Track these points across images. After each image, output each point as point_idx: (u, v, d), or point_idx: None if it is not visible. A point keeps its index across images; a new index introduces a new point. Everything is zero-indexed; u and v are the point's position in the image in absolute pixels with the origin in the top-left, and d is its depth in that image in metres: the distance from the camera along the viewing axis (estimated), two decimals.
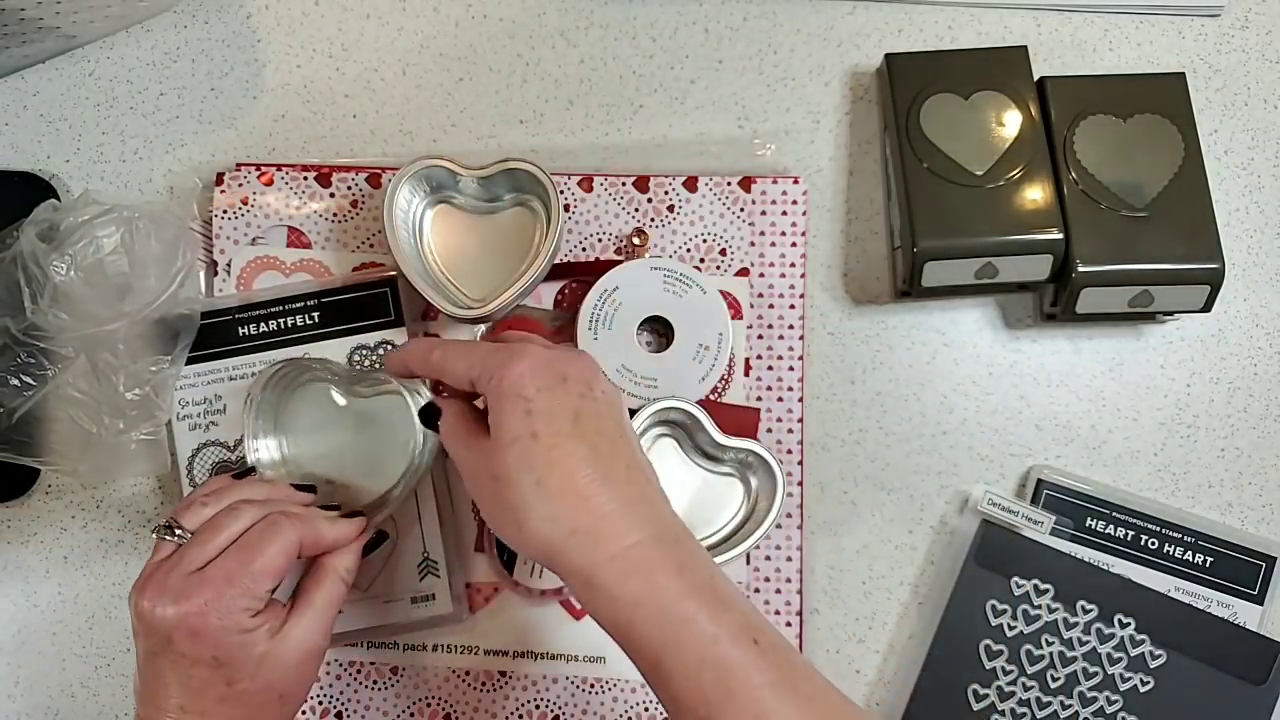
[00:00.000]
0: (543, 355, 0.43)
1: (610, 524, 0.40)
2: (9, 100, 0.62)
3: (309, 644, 0.47)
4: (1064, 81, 0.58)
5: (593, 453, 0.42)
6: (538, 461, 0.41)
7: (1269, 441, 0.59)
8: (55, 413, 0.54)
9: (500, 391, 0.42)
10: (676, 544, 0.41)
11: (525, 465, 0.41)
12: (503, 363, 0.43)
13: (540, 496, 0.41)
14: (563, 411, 0.42)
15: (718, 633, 0.39)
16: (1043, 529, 0.56)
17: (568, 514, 0.40)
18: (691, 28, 0.62)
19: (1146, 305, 0.55)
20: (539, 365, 0.43)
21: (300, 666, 0.47)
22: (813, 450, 0.59)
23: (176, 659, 0.45)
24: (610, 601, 0.40)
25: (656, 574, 0.40)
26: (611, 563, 0.40)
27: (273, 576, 0.47)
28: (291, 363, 0.54)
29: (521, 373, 0.42)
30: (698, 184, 0.59)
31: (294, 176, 0.59)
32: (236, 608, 0.45)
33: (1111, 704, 0.56)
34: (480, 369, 0.44)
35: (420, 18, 0.62)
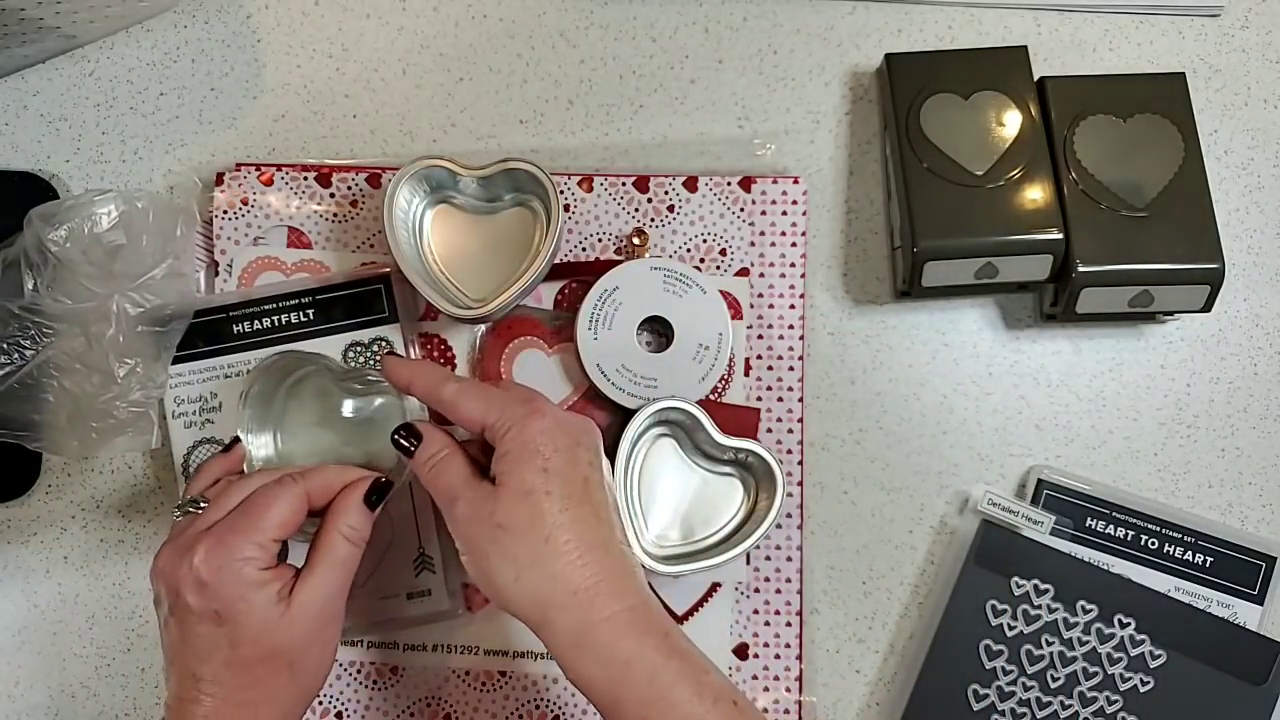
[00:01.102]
0: (560, 416, 0.46)
1: (607, 588, 0.43)
2: (9, 100, 0.62)
3: (317, 608, 0.46)
4: (1064, 81, 0.58)
5: (596, 521, 0.44)
6: (549, 520, 0.43)
7: (1269, 441, 0.59)
8: (46, 388, 0.53)
9: (521, 443, 0.44)
10: (659, 613, 0.44)
11: (537, 520, 0.43)
12: (524, 416, 0.44)
13: (547, 554, 0.42)
14: (575, 477, 0.44)
15: (701, 693, 0.42)
16: (1043, 529, 0.56)
17: (570, 576, 0.42)
18: (691, 28, 0.62)
19: (1146, 305, 0.55)
20: (557, 426, 0.45)
21: (310, 634, 0.46)
22: (813, 450, 0.59)
23: (184, 615, 0.45)
24: (602, 660, 0.42)
25: (648, 635, 0.42)
26: (606, 623, 0.42)
27: (279, 527, 0.46)
28: (286, 355, 0.54)
29: (542, 429, 0.44)
30: (698, 184, 0.59)
31: (294, 176, 0.59)
32: (240, 556, 0.45)
33: (1111, 704, 0.56)
34: (499, 416, 0.45)
35: (420, 18, 0.62)
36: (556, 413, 0.46)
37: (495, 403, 0.45)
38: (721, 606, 0.57)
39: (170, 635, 0.46)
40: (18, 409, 0.53)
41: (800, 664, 0.57)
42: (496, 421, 0.45)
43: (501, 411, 0.45)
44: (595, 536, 0.44)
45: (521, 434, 0.44)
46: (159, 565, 0.46)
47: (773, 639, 0.57)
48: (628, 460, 0.55)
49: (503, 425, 0.45)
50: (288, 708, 0.46)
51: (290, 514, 0.47)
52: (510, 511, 0.43)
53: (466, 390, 0.47)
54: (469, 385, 0.47)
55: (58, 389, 0.53)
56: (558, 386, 0.58)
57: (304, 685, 0.47)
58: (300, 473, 0.48)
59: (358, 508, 0.48)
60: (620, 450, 0.54)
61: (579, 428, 0.46)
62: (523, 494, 0.43)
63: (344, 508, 0.48)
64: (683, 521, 0.56)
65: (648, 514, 0.56)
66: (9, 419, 0.53)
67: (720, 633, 0.57)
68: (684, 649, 0.43)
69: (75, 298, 0.52)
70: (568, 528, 0.43)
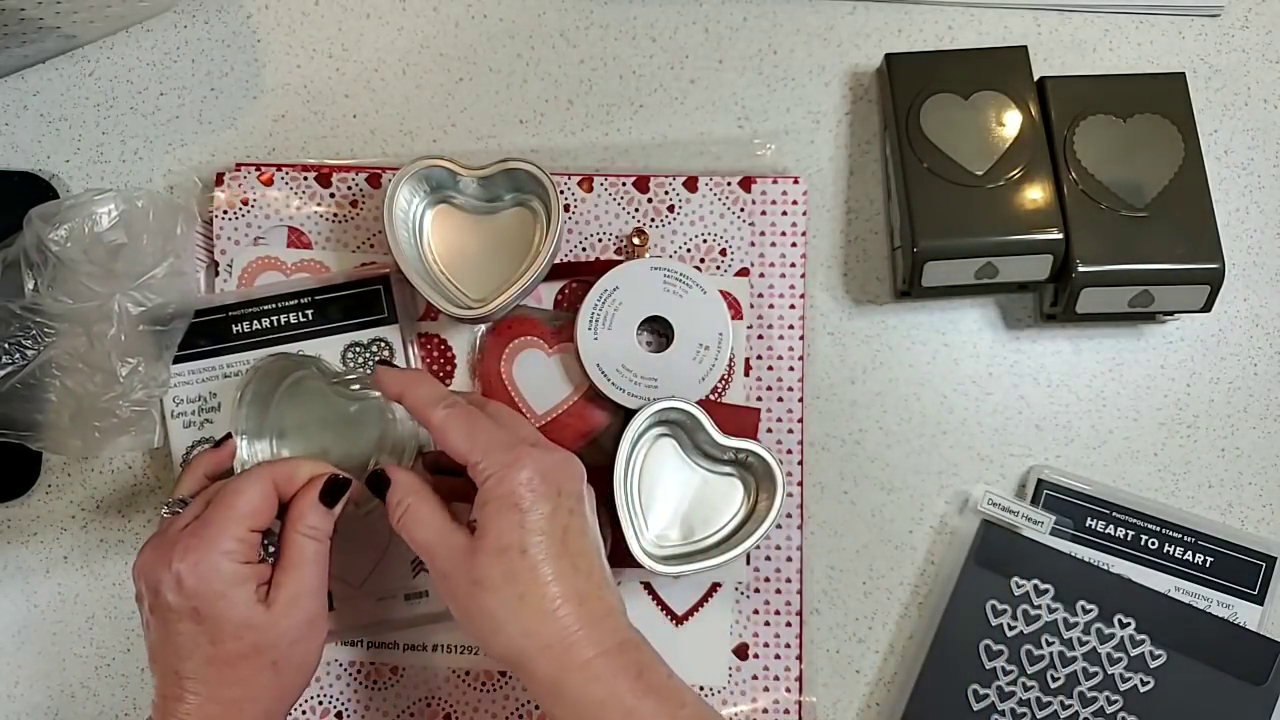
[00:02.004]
0: (542, 463, 0.45)
1: (582, 636, 0.43)
2: (9, 100, 0.62)
3: (297, 606, 0.46)
4: (1064, 81, 0.58)
5: (573, 571, 0.44)
6: (524, 578, 0.43)
7: (1269, 441, 0.59)
8: (48, 388, 0.54)
9: (498, 495, 0.44)
10: (637, 650, 0.45)
11: (511, 578, 0.43)
12: (506, 465, 0.44)
13: (520, 611, 0.43)
14: (554, 529, 0.44)
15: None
16: (1043, 529, 0.56)
17: (545, 630, 0.43)
18: (691, 28, 0.62)
19: (1146, 305, 0.55)
20: (538, 476, 0.44)
21: (292, 631, 0.46)
22: (813, 450, 0.59)
23: (165, 613, 0.45)
24: (576, 707, 0.43)
25: (618, 679, 0.43)
26: (579, 671, 0.43)
27: (251, 515, 0.46)
28: (282, 357, 0.54)
29: (523, 480, 0.44)
30: (698, 184, 0.59)
31: (294, 176, 0.59)
32: (216, 550, 0.45)
33: (1111, 704, 0.56)
34: (481, 459, 0.45)
35: (420, 18, 0.62)
36: (539, 458, 0.45)
37: (480, 442, 0.45)
38: (721, 606, 0.57)
39: (152, 633, 0.46)
40: (20, 409, 0.53)
41: (800, 664, 0.57)
42: (479, 464, 0.45)
43: (485, 456, 0.45)
44: (571, 588, 0.44)
45: (500, 485, 0.44)
46: (140, 563, 0.46)
47: (773, 639, 0.57)
48: (628, 460, 0.55)
49: (485, 470, 0.45)
50: (272, 705, 0.46)
51: (260, 500, 0.47)
52: (486, 569, 0.43)
53: (453, 421, 0.46)
54: (457, 416, 0.46)
55: (60, 389, 0.53)
56: (558, 386, 0.58)
57: (288, 682, 0.47)
58: (268, 462, 0.49)
59: (314, 508, 0.48)
60: (620, 450, 0.54)
61: (562, 472, 0.46)
62: (499, 551, 0.43)
63: (300, 510, 0.48)
64: (683, 521, 0.56)
65: (648, 514, 0.56)
66: (11, 419, 0.53)
67: (720, 633, 0.57)
68: (659, 685, 0.44)
69: (76, 297, 0.52)
70: (543, 584, 0.43)
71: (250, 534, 0.46)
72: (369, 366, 0.57)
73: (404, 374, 0.49)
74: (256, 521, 0.47)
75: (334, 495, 0.48)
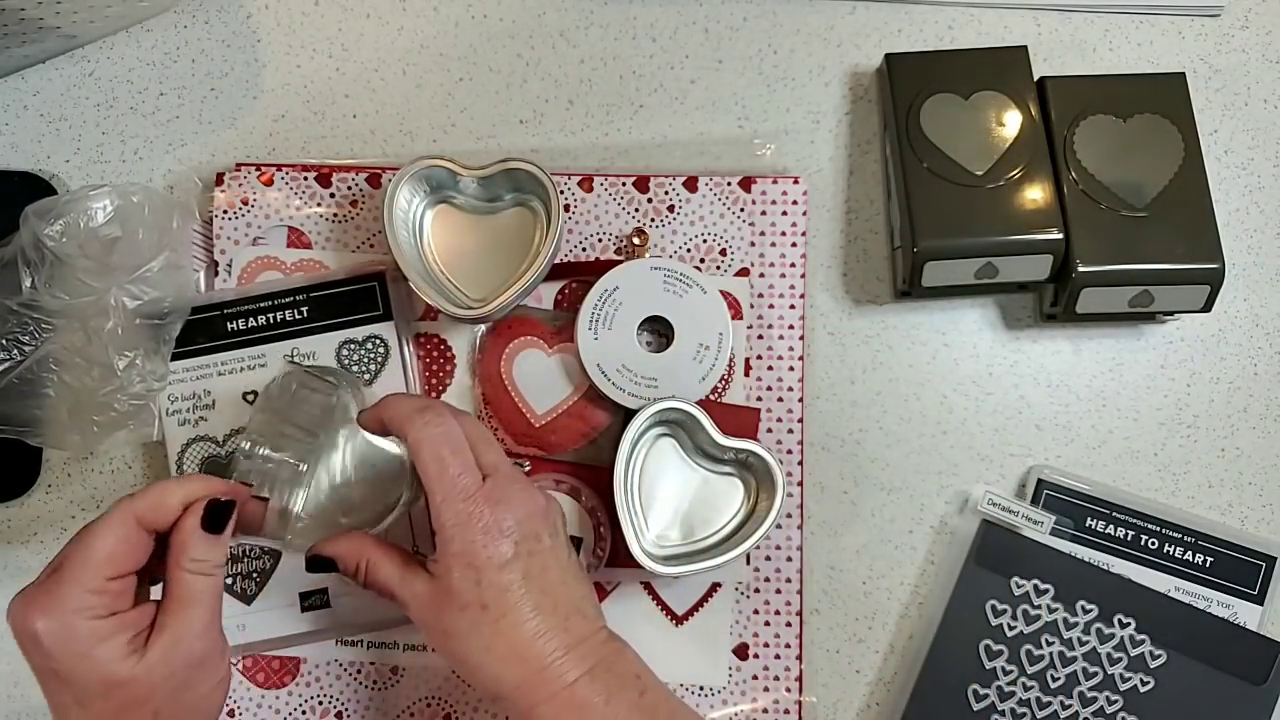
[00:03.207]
0: (498, 513, 0.45)
1: (550, 673, 0.44)
2: (9, 100, 0.62)
3: (177, 653, 0.42)
4: (1064, 81, 0.58)
5: (537, 611, 0.45)
6: (486, 631, 0.44)
7: (1269, 441, 0.59)
8: (45, 383, 0.53)
9: (454, 553, 0.44)
10: (608, 672, 0.45)
11: (474, 633, 0.44)
12: (464, 517, 0.44)
13: (488, 660, 0.44)
14: (511, 578, 0.44)
15: None
16: (1043, 529, 0.56)
17: (512, 673, 0.44)
18: (691, 28, 0.62)
19: (1146, 305, 0.55)
20: (491, 529, 0.44)
21: (174, 680, 0.42)
22: (813, 450, 0.59)
23: (35, 672, 0.41)
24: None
25: (587, 708, 0.44)
26: (549, 702, 0.44)
27: (108, 563, 0.41)
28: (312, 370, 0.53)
29: (473, 540, 0.44)
30: (698, 184, 0.59)
31: (294, 176, 0.59)
32: (68, 609, 0.40)
33: (1111, 704, 0.56)
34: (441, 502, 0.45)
35: (420, 18, 0.62)
36: (497, 504, 0.45)
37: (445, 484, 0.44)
38: (721, 606, 0.57)
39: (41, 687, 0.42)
40: (18, 405, 0.53)
41: (800, 664, 0.57)
42: (439, 510, 0.45)
43: (444, 503, 0.44)
44: (538, 626, 0.44)
45: (453, 544, 0.44)
46: (8, 616, 0.41)
47: (773, 639, 0.57)
48: (628, 460, 0.55)
49: (442, 520, 0.44)
50: None
51: (118, 544, 0.41)
52: (453, 622, 0.44)
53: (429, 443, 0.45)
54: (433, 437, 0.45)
55: (58, 384, 0.53)
56: (558, 386, 0.58)
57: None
58: (131, 494, 0.43)
59: (198, 538, 0.43)
60: (620, 450, 0.54)
61: (520, 513, 0.46)
62: (460, 608, 0.44)
63: (180, 542, 0.43)
64: (683, 521, 0.56)
65: (648, 514, 0.56)
66: (10, 415, 0.53)
67: (720, 633, 0.57)
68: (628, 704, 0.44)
69: (73, 293, 0.52)
70: (504, 635, 0.44)
71: (111, 583, 0.41)
72: (364, 366, 0.57)
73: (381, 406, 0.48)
74: (116, 567, 0.41)
75: (218, 520, 0.43)
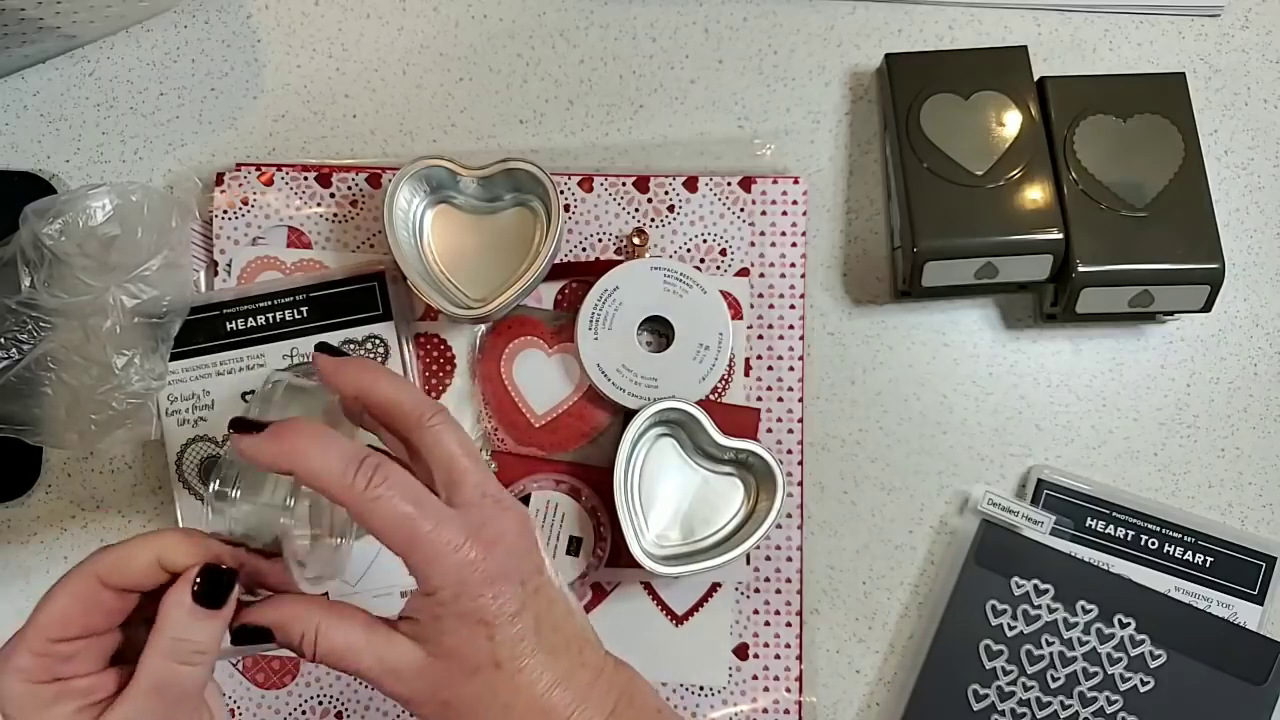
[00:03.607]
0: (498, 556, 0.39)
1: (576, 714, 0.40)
2: (9, 100, 0.62)
3: None
4: (1064, 81, 0.58)
5: (552, 657, 0.40)
6: (503, 689, 0.39)
7: (1269, 441, 0.59)
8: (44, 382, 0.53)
9: (459, 613, 0.38)
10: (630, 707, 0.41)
11: (488, 697, 0.39)
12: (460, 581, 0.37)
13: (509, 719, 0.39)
14: (524, 626, 0.39)
15: None
16: (1043, 529, 0.56)
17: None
18: (691, 28, 0.62)
19: (1146, 305, 0.55)
20: (496, 576, 0.38)
21: None
22: (813, 450, 0.59)
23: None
24: None
25: None
26: None
27: (58, 623, 0.36)
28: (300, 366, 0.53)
29: (479, 595, 0.38)
30: (698, 184, 0.59)
31: (294, 176, 0.59)
32: (8, 668, 0.36)
33: (1111, 704, 0.56)
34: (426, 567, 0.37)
35: (420, 18, 0.62)
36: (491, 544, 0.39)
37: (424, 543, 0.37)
38: (721, 606, 0.57)
39: None
40: (16, 404, 0.53)
41: (800, 664, 0.57)
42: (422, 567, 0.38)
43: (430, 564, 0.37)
44: (554, 676, 0.39)
45: (459, 602, 0.38)
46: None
47: (773, 639, 0.57)
48: (628, 461, 0.55)
49: (434, 581, 0.38)
50: None
51: (70, 604, 0.36)
52: (457, 690, 0.38)
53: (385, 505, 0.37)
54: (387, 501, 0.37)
55: (56, 382, 0.53)
56: (558, 386, 0.58)
57: None
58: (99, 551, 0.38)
59: (182, 612, 0.36)
60: (620, 450, 0.54)
61: (518, 548, 0.40)
62: (470, 672, 0.38)
63: (162, 612, 0.36)
64: (683, 522, 0.56)
65: (648, 514, 0.56)
66: (8, 414, 0.53)
67: (720, 633, 0.57)
68: None
69: (72, 291, 0.52)
70: (523, 691, 0.39)
71: (58, 646, 0.36)
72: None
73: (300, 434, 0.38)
74: (64, 629, 0.36)
75: (213, 593, 0.36)
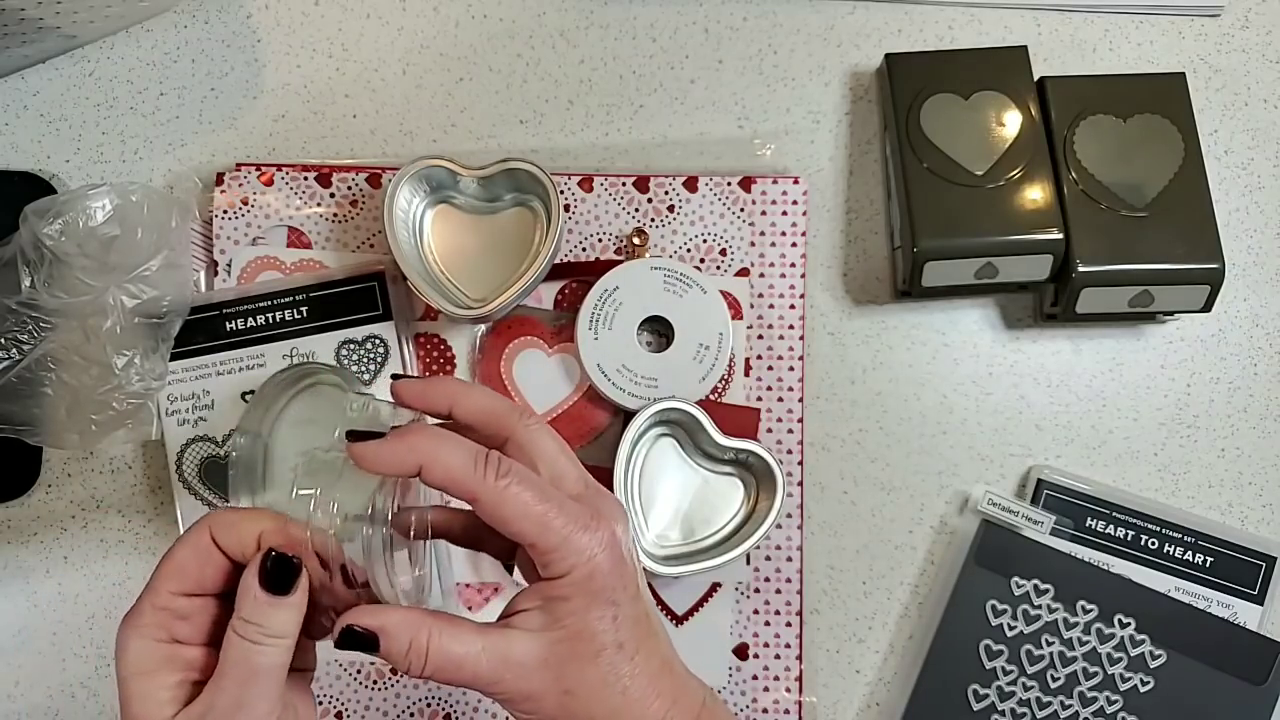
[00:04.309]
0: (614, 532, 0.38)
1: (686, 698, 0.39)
2: (9, 100, 0.62)
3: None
4: (1064, 81, 0.58)
5: (657, 641, 0.39)
6: (624, 671, 0.38)
7: (1269, 441, 0.59)
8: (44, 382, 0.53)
9: (591, 592, 0.37)
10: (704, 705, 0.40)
11: (613, 678, 0.38)
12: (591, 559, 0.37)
13: (624, 704, 0.38)
14: (641, 609, 0.39)
15: None
16: (1043, 529, 0.56)
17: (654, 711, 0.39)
18: (691, 28, 0.62)
19: (1146, 305, 0.55)
20: (621, 556, 0.38)
21: None
22: (813, 450, 0.59)
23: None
24: None
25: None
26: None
27: (171, 575, 0.37)
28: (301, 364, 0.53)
29: (608, 574, 0.37)
30: (698, 184, 0.59)
31: (294, 176, 0.59)
32: (130, 622, 0.36)
33: (1111, 704, 0.56)
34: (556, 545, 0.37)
35: (420, 18, 0.62)
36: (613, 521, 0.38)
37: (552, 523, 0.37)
38: (721, 606, 0.57)
39: None
40: (16, 404, 0.53)
41: (800, 664, 0.57)
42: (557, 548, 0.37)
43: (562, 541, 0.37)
44: (660, 660, 0.39)
45: (592, 580, 0.37)
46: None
47: (773, 639, 0.57)
48: (628, 461, 0.55)
49: (568, 560, 0.37)
50: None
51: (188, 556, 0.37)
52: (580, 675, 0.37)
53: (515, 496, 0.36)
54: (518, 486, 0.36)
55: (56, 382, 0.53)
56: (558, 386, 0.58)
57: None
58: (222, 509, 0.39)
59: (253, 594, 0.36)
60: (620, 451, 0.54)
61: (625, 528, 0.39)
62: (593, 655, 0.37)
63: (240, 594, 0.36)
64: (683, 521, 0.56)
65: (648, 514, 0.56)
66: (9, 414, 0.53)
67: (720, 633, 0.57)
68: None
69: (72, 291, 0.52)
70: (640, 673, 0.38)
71: (177, 600, 0.37)
72: (364, 366, 0.57)
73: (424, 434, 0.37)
74: (182, 582, 0.37)
75: (279, 578, 0.36)
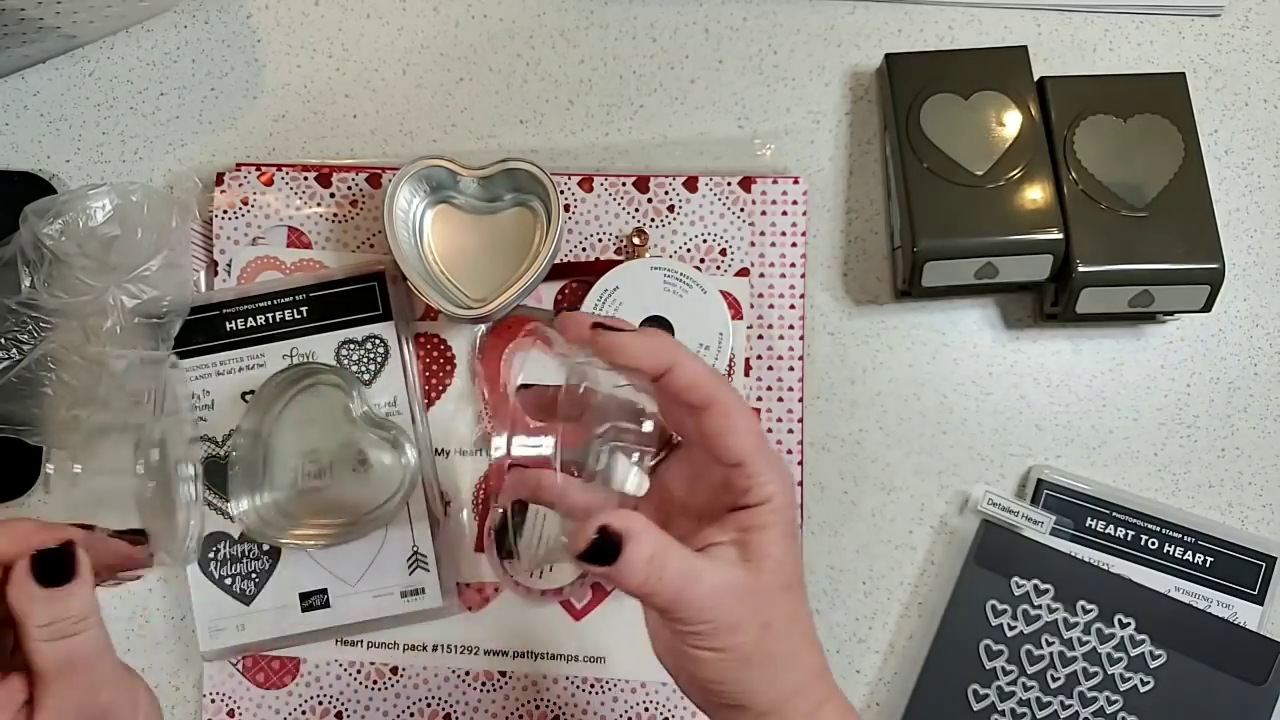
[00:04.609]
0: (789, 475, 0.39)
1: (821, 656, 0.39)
2: (9, 100, 0.62)
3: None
4: (1064, 81, 0.58)
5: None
6: (802, 609, 0.38)
7: (1269, 441, 0.59)
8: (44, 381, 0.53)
9: (786, 523, 0.37)
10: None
11: (801, 613, 0.38)
12: (785, 483, 0.37)
13: (802, 649, 0.38)
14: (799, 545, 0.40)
15: None
16: (1043, 529, 0.56)
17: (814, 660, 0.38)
18: (691, 28, 0.62)
19: (1146, 305, 0.55)
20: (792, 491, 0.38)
21: None
22: (813, 450, 0.59)
23: None
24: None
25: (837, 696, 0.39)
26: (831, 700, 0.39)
27: None
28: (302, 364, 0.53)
29: (793, 503, 0.38)
30: (698, 184, 0.59)
31: (294, 176, 0.59)
32: None
33: (1111, 704, 0.56)
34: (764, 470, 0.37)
35: (420, 18, 0.62)
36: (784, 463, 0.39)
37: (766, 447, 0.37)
38: None
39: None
40: (16, 404, 0.53)
41: None
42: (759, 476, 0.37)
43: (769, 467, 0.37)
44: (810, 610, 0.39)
45: (787, 510, 0.37)
46: None
47: None
48: None
49: (765, 488, 0.36)
50: None
51: None
52: (773, 608, 0.36)
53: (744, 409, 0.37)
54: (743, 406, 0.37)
55: (56, 382, 0.53)
56: None
57: None
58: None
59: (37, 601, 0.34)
60: None
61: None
62: (784, 588, 0.37)
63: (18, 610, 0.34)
64: None
65: None
66: (8, 414, 0.53)
67: None
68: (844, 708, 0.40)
69: (72, 291, 0.52)
70: (809, 617, 0.38)
71: None
72: (364, 366, 0.57)
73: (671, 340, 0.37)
74: None
75: (51, 571, 0.34)
